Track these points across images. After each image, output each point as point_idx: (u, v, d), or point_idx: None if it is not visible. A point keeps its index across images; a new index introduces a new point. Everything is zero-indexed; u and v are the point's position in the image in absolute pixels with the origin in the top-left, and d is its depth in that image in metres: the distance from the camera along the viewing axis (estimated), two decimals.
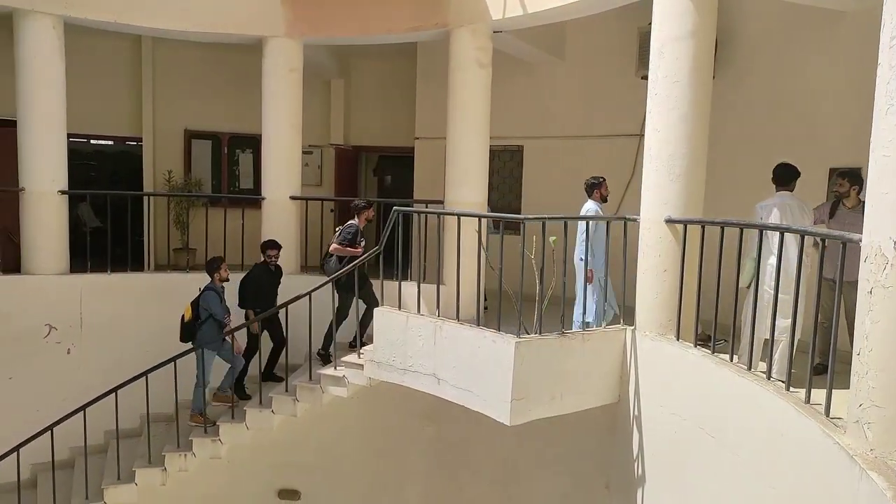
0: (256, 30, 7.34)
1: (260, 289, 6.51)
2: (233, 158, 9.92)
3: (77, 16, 6.81)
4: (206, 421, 6.27)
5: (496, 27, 6.59)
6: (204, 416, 6.28)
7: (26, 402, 6.67)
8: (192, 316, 6.19)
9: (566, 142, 7.89)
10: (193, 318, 6.18)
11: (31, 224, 6.91)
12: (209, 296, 6.17)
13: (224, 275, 6.32)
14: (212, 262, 6.37)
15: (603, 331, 4.79)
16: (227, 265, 6.41)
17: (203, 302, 6.16)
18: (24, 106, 6.77)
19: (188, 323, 6.20)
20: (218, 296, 6.21)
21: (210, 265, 6.34)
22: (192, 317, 6.19)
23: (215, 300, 6.16)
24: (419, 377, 5.08)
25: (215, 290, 6.21)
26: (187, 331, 6.21)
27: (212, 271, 6.27)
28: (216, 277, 6.27)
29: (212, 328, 6.14)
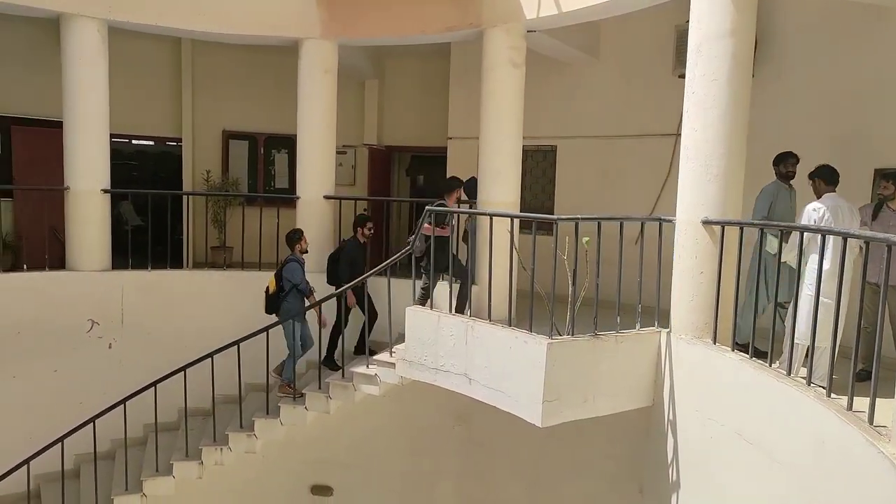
0: (292, 31, 7.44)
1: (356, 263, 6.53)
2: (269, 158, 10.08)
3: (120, 19, 7.00)
4: (295, 391, 6.32)
5: (530, 26, 6.56)
6: (293, 387, 6.35)
7: (70, 394, 6.88)
8: (276, 288, 6.25)
9: (600, 141, 7.81)
10: (277, 290, 6.24)
11: (76, 222, 7.12)
12: (292, 266, 6.22)
13: (304, 246, 6.43)
14: (292, 232, 6.47)
15: (637, 333, 4.72)
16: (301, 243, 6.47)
17: (286, 272, 6.22)
18: (70, 107, 6.98)
19: (272, 295, 6.29)
20: (300, 266, 6.27)
21: (290, 236, 6.43)
22: (276, 289, 6.26)
23: (298, 270, 6.22)
24: (450, 377, 5.09)
25: (297, 261, 6.28)
26: (272, 303, 6.30)
27: (292, 242, 6.37)
28: (297, 248, 6.35)
29: (296, 299, 6.21)
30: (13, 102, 8.41)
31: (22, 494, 6.30)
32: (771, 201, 5.08)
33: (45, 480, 6.65)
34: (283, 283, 6.21)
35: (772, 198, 5.09)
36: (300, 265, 6.30)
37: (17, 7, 6.58)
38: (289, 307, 6.22)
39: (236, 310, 7.14)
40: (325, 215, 7.70)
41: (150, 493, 6.30)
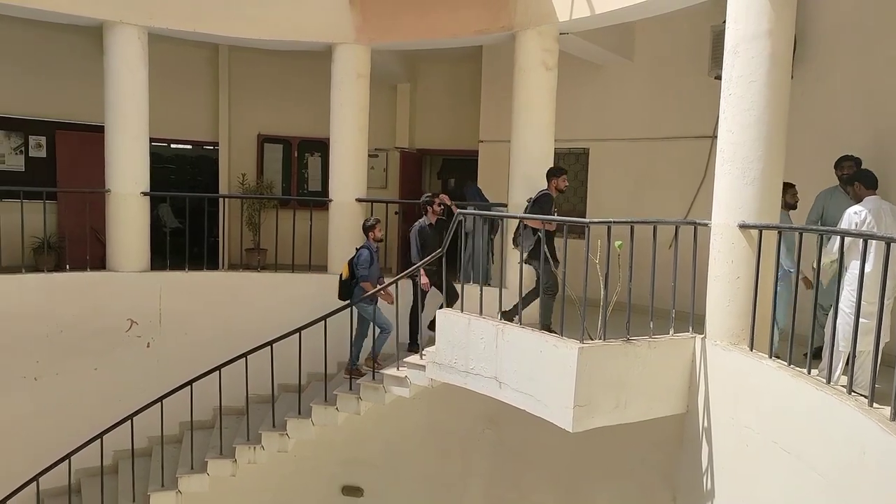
0: (326, 37, 7.54)
1: (426, 245, 6.47)
2: (302, 162, 10.22)
3: (160, 26, 7.18)
4: (356, 374, 6.40)
5: (563, 29, 6.52)
6: (354, 371, 6.42)
7: (109, 391, 7.05)
8: (349, 274, 6.41)
9: (634, 144, 7.72)
10: (350, 276, 6.40)
11: (116, 224, 7.32)
12: (361, 253, 6.39)
13: (378, 234, 6.51)
14: (367, 221, 6.63)
15: (670, 338, 4.65)
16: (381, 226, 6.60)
17: (356, 259, 6.39)
18: (111, 112, 7.18)
19: (345, 281, 6.44)
20: (370, 254, 6.41)
21: (365, 224, 6.59)
22: (348, 275, 6.41)
23: (364, 258, 6.35)
24: (480, 380, 5.07)
25: (368, 248, 6.43)
26: (345, 289, 6.45)
27: (366, 230, 6.52)
28: (370, 236, 6.48)
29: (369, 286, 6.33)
30: (58, 108, 8.70)
31: (63, 488, 6.49)
32: (822, 205, 5.08)
33: (86, 475, 6.83)
34: (355, 270, 6.36)
35: (823, 202, 5.10)
36: (371, 253, 6.40)
37: (63, 16, 6.81)
38: (358, 294, 6.34)
39: (269, 311, 7.26)
40: (356, 218, 7.76)
41: (185, 489, 6.42)
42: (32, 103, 8.56)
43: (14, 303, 6.75)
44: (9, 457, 6.61)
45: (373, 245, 6.49)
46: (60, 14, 6.76)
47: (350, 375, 6.43)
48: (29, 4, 6.50)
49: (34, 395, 6.90)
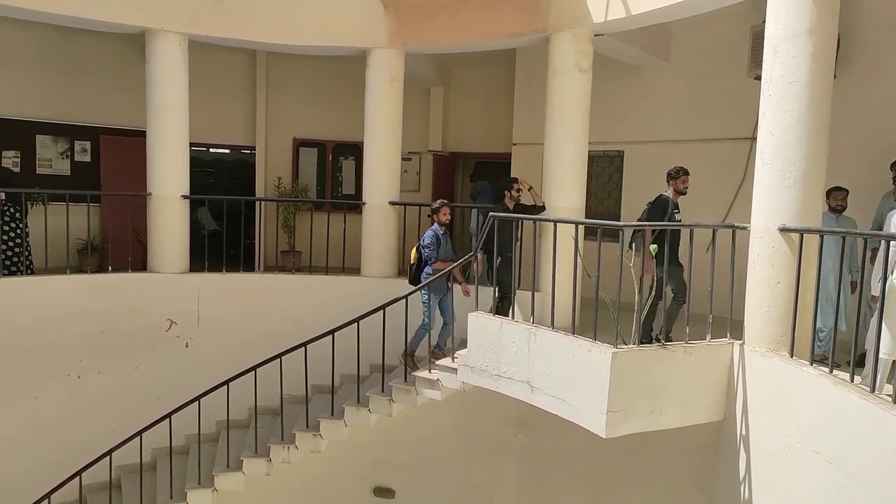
0: (361, 41, 7.61)
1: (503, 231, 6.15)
2: (336, 165, 10.33)
3: (200, 33, 7.34)
4: (413, 363, 6.34)
5: (597, 30, 6.47)
6: (411, 358, 6.32)
7: (148, 390, 7.21)
8: (417, 259, 6.33)
9: (670, 146, 7.60)
10: (418, 261, 6.33)
11: (157, 226, 7.50)
12: (427, 233, 6.33)
13: (442, 217, 6.37)
14: (433, 204, 6.53)
15: (707, 344, 4.56)
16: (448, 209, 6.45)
17: (422, 240, 6.31)
18: (153, 118, 7.37)
19: (413, 266, 6.37)
20: (436, 236, 6.29)
21: (432, 208, 6.52)
22: (416, 260, 6.34)
23: (431, 237, 6.26)
24: (512, 384, 5.05)
25: (434, 230, 6.34)
26: (413, 274, 6.40)
27: (433, 213, 6.48)
28: (435, 218, 6.41)
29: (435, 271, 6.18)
30: (102, 114, 8.96)
31: (105, 483, 6.66)
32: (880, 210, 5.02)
33: (126, 471, 7.01)
34: (423, 254, 6.27)
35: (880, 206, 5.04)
36: (437, 235, 6.30)
37: (107, 24, 7.02)
38: (426, 277, 6.23)
39: (304, 312, 7.35)
40: (390, 220, 7.82)
41: (221, 487, 6.53)
42: (78, 109, 8.85)
43: (59, 303, 6.96)
44: (53, 451, 6.82)
45: (439, 228, 6.35)
46: (105, 23, 6.97)
47: (405, 362, 6.33)
48: (75, 14, 6.72)
49: (77, 393, 7.10)
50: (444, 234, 6.37)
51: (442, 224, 6.39)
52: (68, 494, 6.57)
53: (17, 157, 8.64)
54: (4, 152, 8.53)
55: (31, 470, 6.69)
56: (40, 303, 6.88)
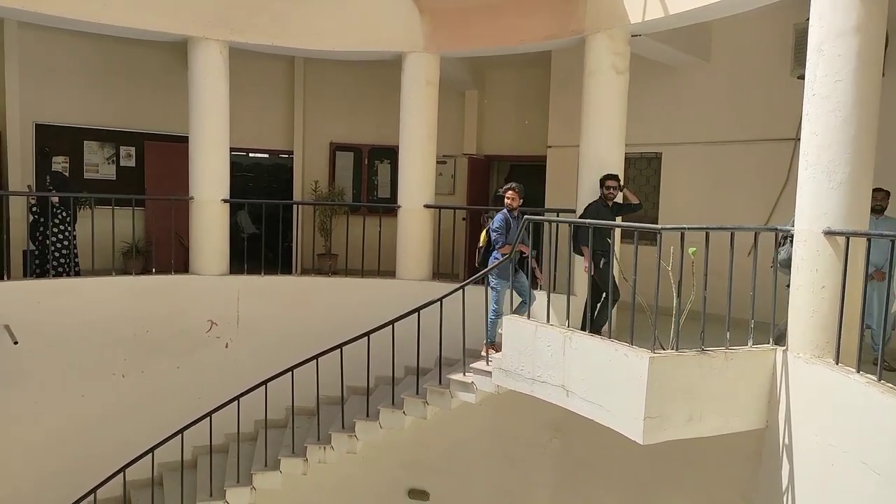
0: (397, 46, 7.68)
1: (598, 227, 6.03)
2: (372, 169, 10.44)
3: (240, 40, 7.51)
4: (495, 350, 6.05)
5: (635, 31, 6.39)
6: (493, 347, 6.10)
7: (189, 389, 7.38)
8: (486, 242, 6.18)
9: (710, 147, 7.46)
10: (487, 244, 6.17)
11: (198, 229, 7.68)
12: (496, 216, 6.17)
13: (509, 202, 6.18)
14: (501, 188, 6.44)
15: (749, 350, 4.45)
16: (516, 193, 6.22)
17: (491, 224, 6.14)
18: (195, 123, 7.55)
19: (482, 249, 6.24)
20: (506, 219, 6.11)
21: (497, 192, 6.44)
22: (486, 243, 6.19)
23: (500, 220, 6.09)
24: (547, 388, 5.02)
25: (504, 213, 6.16)
26: (483, 257, 6.26)
27: (502, 197, 6.36)
28: (504, 202, 6.26)
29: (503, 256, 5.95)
30: (146, 120, 9.25)
31: (147, 480, 6.84)
32: None
33: (167, 469, 7.18)
34: (491, 237, 6.12)
35: None
36: (506, 218, 6.10)
37: (151, 33, 7.23)
38: (495, 261, 6.06)
39: (340, 314, 7.42)
40: (425, 224, 7.85)
41: (260, 486, 6.64)
42: (124, 116, 9.14)
43: (105, 304, 7.18)
44: (99, 448, 7.03)
45: (509, 211, 6.15)
46: (150, 32, 7.18)
47: (487, 353, 6.16)
48: (121, 23, 6.95)
49: (122, 391, 7.31)
50: (514, 218, 6.14)
51: (511, 209, 6.18)
52: (113, 490, 6.75)
53: (66, 162, 8.97)
54: (55, 158, 8.86)
55: (78, 465, 6.91)
56: (87, 304, 7.09)
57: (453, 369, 6.36)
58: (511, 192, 6.22)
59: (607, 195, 6.17)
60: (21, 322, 6.55)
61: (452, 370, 6.35)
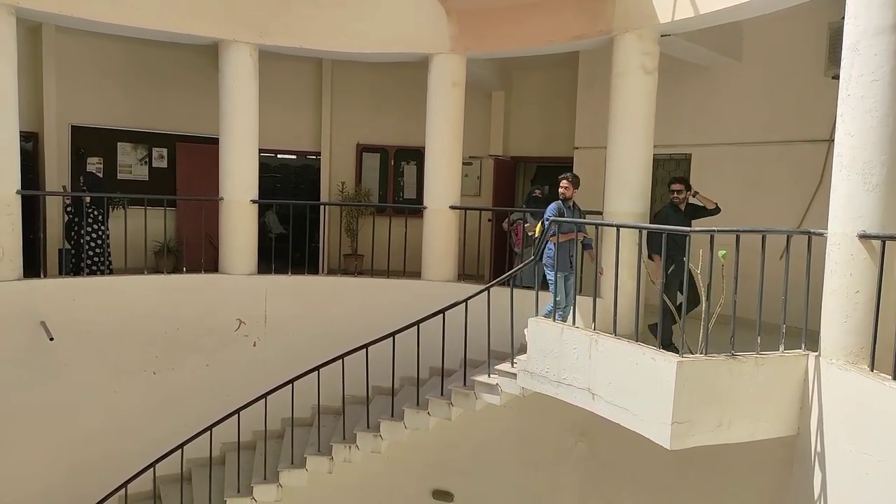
0: (424, 47, 7.70)
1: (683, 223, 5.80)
2: (398, 170, 10.48)
3: (269, 43, 7.61)
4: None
5: (664, 31, 6.32)
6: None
7: (218, 387, 7.49)
8: (542, 233, 5.91)
9: (741, 148, 7.34)
10: (541, 234, 5.90)
11: (227, 229, 7.79)
12: (551, 206, 5.97)
13: (564, 191, 6.03)
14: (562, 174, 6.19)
15: (780, 355, 4.37)
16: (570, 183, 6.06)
17: (546, 213, 5.98)
18: (225, 125, 7.67)
19: (537, 239, 5.98)
20: (559, 209, 5.89)
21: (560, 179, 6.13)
22: (540, 233, 5.95)
23: (554, 210, 5.89)
24: (573, 391, 4.99)
25: (558, 203, 5.96)
26: (537, 248, 5.93)
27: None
28: (559, 193, 6.08)
29: (561, 245, 5.67)
30: (178, 122, 9.42)
31: (176, 476, 6.96)
32: None
33: (196, 465, 7.29)
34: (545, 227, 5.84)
35: None
36: (560, 208, 5.89)
37: (183, 36, 7.36)
38: (550, 252, 5.80)
39: (366, 314, 7.47)
40: (450, 225, 7.86)
41: (286, 483, 6.70)
42: (156, 118, 9.32)
43: (137, 302, 7.33)
44: (130, 443, 7.18)
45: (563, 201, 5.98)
46: (182, 35, 7.31)
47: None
48: (155, 27, 7.09)
49: (153, 388, 7.44)
50: (568, 208, 5.99)
51: (565, 198, 6.03)
52: (143, 485, 6.89)
53: (100, 163, 9.18)
54: (89, 159, 9.07)
55: (110, 460, 7.06)
56: (120, 301, 7.24)
57: (478, 371, 6.36)
58: (565, 182, 6.08)
59: (673, 199, 6.08)
60: (57, 319, 6.72)
61: (477, 372, 6.35)
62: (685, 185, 6.12)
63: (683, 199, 6.10)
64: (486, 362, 6.26)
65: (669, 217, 5.94)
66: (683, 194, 6.08)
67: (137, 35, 7.42)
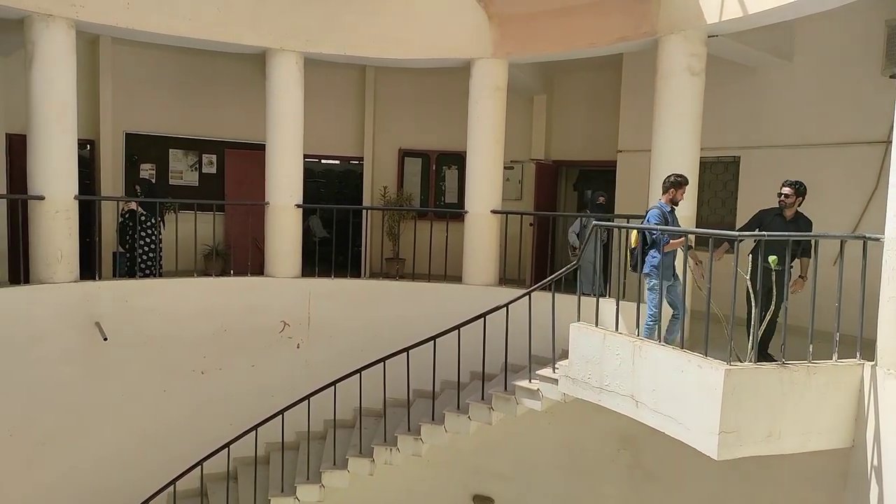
0: (466, 53, 7.73)
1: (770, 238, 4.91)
2: (440, 174, 10.53)
3: (315, 51, 7.75)
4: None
5: (711, 31, 6.19)
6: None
7: (263, 388, 7.63)
8: (641, 241, 5.42)
9: (792, 151, 7.12)
10: (641, 244, 5.41)
11: (273, 233, 7.96)
12: (651, 212, 5.54)
13: (673, 195, 5.50)
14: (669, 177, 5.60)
15: (834, 365, 4.22)
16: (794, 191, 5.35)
17: (646, 219, 5.57)
18: (271, 132, 7.84)
19: (634, 249, 5.49)
20: (663, 214, 5.45)
21: (667, 181, 5.58)
22: (638, 243, 5.44)
23: (657, 215, 5.45)
24: (615, 398, 4.91)
25: (660, 209, 5.50)
26: (637, 259, 5.48)
27: (667, 188, 5.55)
28: (666, 196, 5.55)
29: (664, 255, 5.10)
30: (227, 129, 9.68)
31: (223, 474, 7.12)
32: None
33: (242, 464, 7.45)
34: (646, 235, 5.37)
35: None
36: (663, 214, 5.43)
37: (233, 45, 7.57)
38: (654, 260, 5.27)
39: (406, 318, 7.51)
40: (491, 229, 7.85)
41: (328, 484, 6.78)
42: (205, 125, 9.60)
43: (187, 303, 7.53)
44: (179, 441, 7.37)
45: (666, 205, 5.49)
46: (232, 44, 7.52)
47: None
48: (206, 37, 7.31)
49: (201, 387, 7.63)
50: (670, 213, 5.50)
51: (675, 203, 5.53)
52: (191, 482, 7.07)
53: (152, 169, 9.50)
54: (142, 165, 9.40)
55: (159, 457, 7.26)
56: (170, 303, 7.46)
57: (519, 376, 6.32)
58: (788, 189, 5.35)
59: (780, 203, 5.40)
60: (110, 320, 6.96)
61: (518, 376, 6.31)
62: (796, 191, 5.35)
63: (791, 206, 5.37)
64: (526, 367, 6.22)
65: (764, 222, 5.36)
66: (792, 199, 5.34)
67: (190, 45, 7.66)
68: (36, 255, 6.71)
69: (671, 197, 5.50)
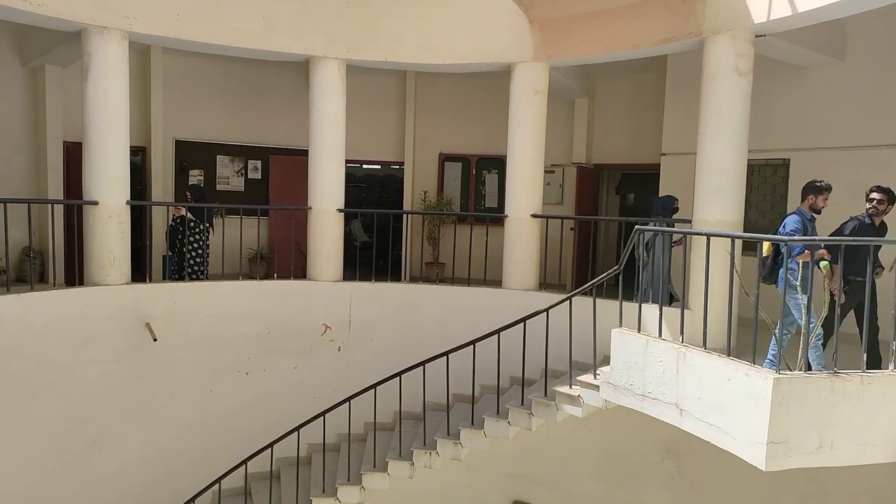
0: (507, 57, 7.72)
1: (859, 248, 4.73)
2: (480, 179, 10.53)
3: (356, 58, 7.86)
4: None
5: (759, 31, 6.03)
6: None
7: (305, 389, 7.76)
8: (774, 250, 4.99)
9: (846, 153, 6.88)
10: (774, 253, 4.98)
11: (315, 238, 8.08)
12: (790, 217, 5.10)
13: (814, 201, 5.10)
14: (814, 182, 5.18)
15: (889, 374, 4.05)
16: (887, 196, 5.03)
17: (781, 227, 5.11)
18: (314, 138, 7.97)
19: (768, 259, 5.04)
20: (803, 222, 5.03)
21: (806, 186, 5.19)
22: (770, 251, 5.01)
23: (796, 222, 5.01)
24: (659, 405, 4.82)
25: (799, 215, 5.08)
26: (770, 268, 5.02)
27: (805, 193, 5.16)
28: (806, 203, 5.15)
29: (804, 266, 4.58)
30: (271, 135, 9.89)
31: (266, 474, 7.25)
32: None
33: (284, 464, 7.58)
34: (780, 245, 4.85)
35: None
36: (804, 222, 5.01)
37: (278, 54, 7.74)
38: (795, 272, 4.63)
39: (446, 322, 7.53)
40: (532, 233, 7.81)
41: (368, 486, 6.84)
42: (251, 132, 9.84)
43: (233, 305, 7.71)
44: (224, 440, 7.55)
45: (806, 212, 5.08)
46: (277, 53, 7.69)
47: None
48: (253, 46, 7.49)
49: (245, 388, 7.79)
50: (811, 220, 5.10)
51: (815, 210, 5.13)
52: (236, 481, 7.22)
53: (200, 175, 9.78)
54: (191, 171, 9.68)
55: (205, 455, 7.45)
56: (217, 305, 7.64)
57: (559, 381, 6.26)
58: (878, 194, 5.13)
59: (870, 210, 5.13)
60: (160, 321, 7.17)
61: (558, 382, 6.25)
62: (889, 198, 5.05)
63: (882, 213, 5.09)
64: (567, 373, 6.16)
65: (854, 232, 5.07)
66: (884, 206, 5.05)
67: (237, 55, 7.86)
68: (90, 258, 6.97)
69: (811, 203, 5.12)
